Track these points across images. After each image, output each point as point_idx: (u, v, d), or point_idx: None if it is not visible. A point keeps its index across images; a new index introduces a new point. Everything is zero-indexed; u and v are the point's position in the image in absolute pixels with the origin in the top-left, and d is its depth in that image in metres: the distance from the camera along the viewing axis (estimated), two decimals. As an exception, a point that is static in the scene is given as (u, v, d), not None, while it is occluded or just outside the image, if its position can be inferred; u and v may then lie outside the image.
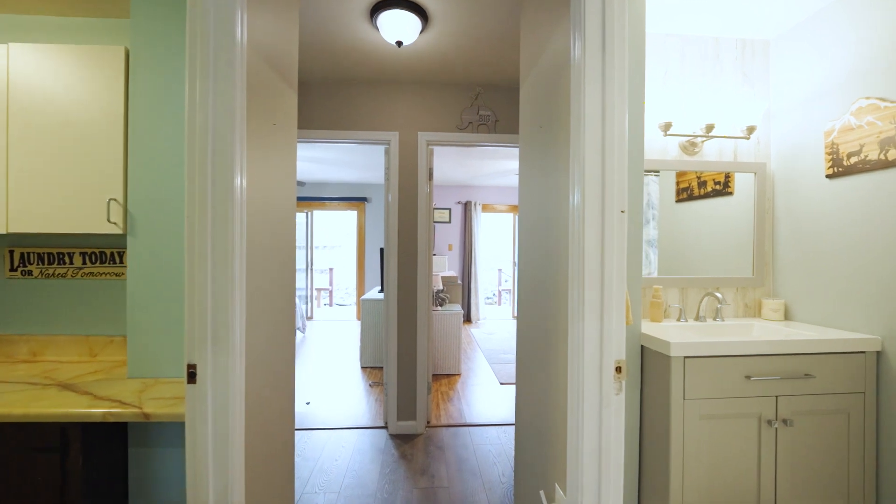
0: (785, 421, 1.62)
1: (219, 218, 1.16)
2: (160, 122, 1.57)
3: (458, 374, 4.42)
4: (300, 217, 7.89)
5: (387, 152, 3.03)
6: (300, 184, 6.25)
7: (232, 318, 1.17)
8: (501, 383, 4.13)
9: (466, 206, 7.88)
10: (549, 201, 1.46)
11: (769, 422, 1.62)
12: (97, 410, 1.29)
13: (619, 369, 1.12)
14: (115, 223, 1.58)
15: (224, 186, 1.17)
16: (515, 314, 7.85)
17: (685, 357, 1.59)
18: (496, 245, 8.71)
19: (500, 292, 9.17)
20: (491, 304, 9.12)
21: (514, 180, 7.24)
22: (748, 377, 1.61)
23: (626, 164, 1.13)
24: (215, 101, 1.16)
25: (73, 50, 1.56)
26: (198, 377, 1.16)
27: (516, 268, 8.05)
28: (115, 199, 1.58)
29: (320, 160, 5.70)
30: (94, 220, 1.57)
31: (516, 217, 8.17)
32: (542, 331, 1.55)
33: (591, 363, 1.12)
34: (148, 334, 1.58)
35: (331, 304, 8.99)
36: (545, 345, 1.50)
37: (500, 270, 9.04)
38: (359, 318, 7.61)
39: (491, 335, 6.43)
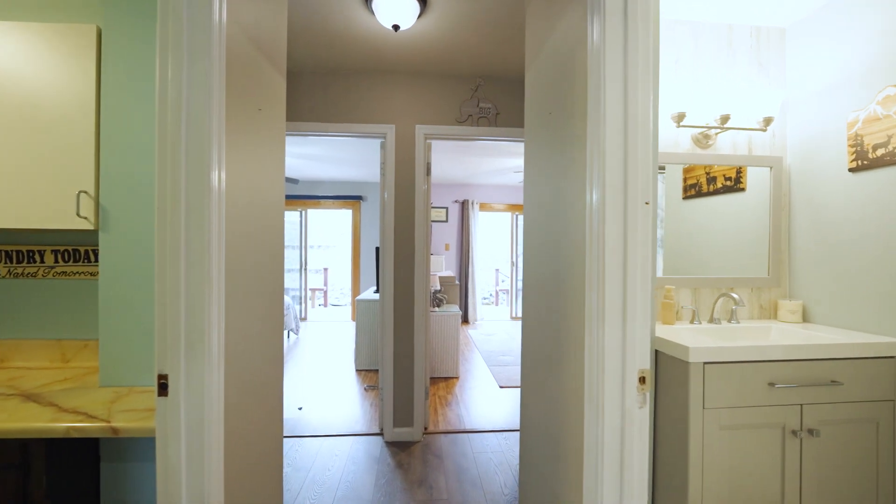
0: (811, 431, 1.51)
1: (194, 211, 1.04)
2: (135, 108, 1.44)
3: (457, 377, 4.30)
4: (294, 216, 7.74)
5: (383, 146, 2.90)
6: (294, 181, 6.11)
7: (209, 322, 1.04)
8: (501, 386, 4.00)
9: (464, 205, 7.76)
10: (561, 193, 1.34)
11: (794, 432, 1.51)
12: (59, 425, 1.16)
13: (642, 380, 1.00)
14: (85, 218, 1.44)
15: (200, 175, 1.04)
16: (514, 315, 7.76)
17: (705, 363, 1.47)
18: (494, 245, 8.60)
19: (497, 292, 9.06)
20: (488, 304, 9.01)
21: (512, 178, 7.12)
22: (772, 384, 1.50)
23: (651, 151, 1.01)
24: (189, 79, 1.03)
25: (39, 28, 1.43)
26: (169, 389, 1.04)
27: (515, 267, 7.96)
28: (85, 192, 1.44)
29: (314, 157, 5.57)
30: (62, 215, 1.43)
31: (514, 216, 8.07)
32: (551, 335, 1.43)
33: (612, 373, 1.00)
34: (122, 339, 1.45)
35: (325, 305, 8.86)
36: (555, 351, 1.38)
37: (497, 270, 8.93)
38: (354, 319, 7.47)
39: (489, 336, 6.31)
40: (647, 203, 1.00)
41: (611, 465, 1.00)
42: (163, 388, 1.04)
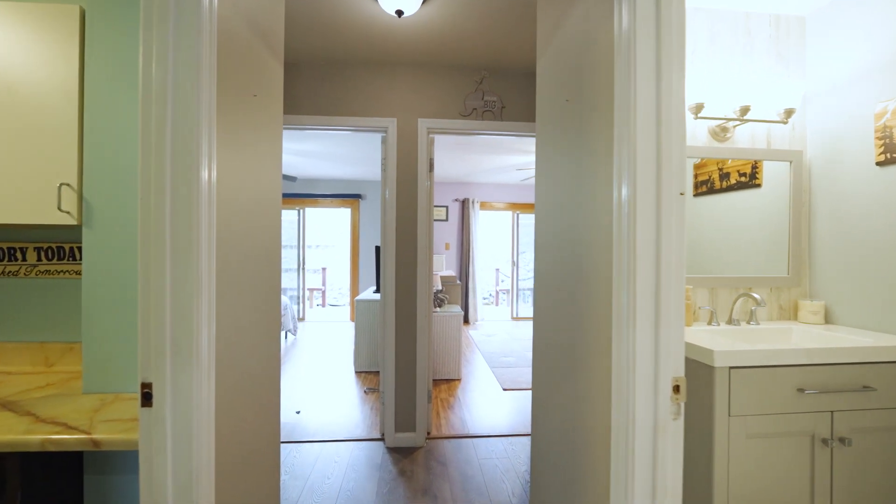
0: (842, 440, 1.42)
1: (180, 204, 0.94)
2: (122, 94, 1.34)
3: (458, 379, 4.20)
4: (292, 215, 7.64)
5: (384, 141, 2.80)
6: (291, 179, 6.00)
7: (197, 325, 0.95)
8: (504, 389, 3.91)
9: (464, 204, 7.66)
10: (580, 185, 1.24)
11: (824, 441, 1.42)
12: (34, 437, 1.06)
13: (677, 388, 0.91)
14: (67, 212, 1.34)
15: (187, 163, 0.94)
16: (514, 315, 7.65)
17: (730, 367, 1.38)
18: (494, 244, 8.50)
19: (497, 292, 8.96)
20: (488, 304, 8.91)
21: (514, 176, 7.03)
22: (801, 390, 1.41)
23: (685, 137, 0.92)
24: (176, 58, 0.93)
25: (16, 8, 1.32)
26: (154, 398, 0.94)
27: (516, 267, 7.86)
28: (67, 184, 1.34)
29: (312, 154, 5.46)
30: (42, 209, 1.33)
31: (515, 215, 7.98)
32: (569, 338, 1.33)
33: (644, 380, 0.90)
34: (107, 342, 1.35)
35: (323, 305, 8.75)
36: (574, 355, 1.29)
37: (497, 270, 8.83)
38: (352, 320, 7.37)
39: (490, 337, 6.22)
40: (681, 194, 0.91)
41: (642, 480, 0.90)
42: (146, 398, 0.94)
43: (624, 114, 0.94)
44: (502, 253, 8.38)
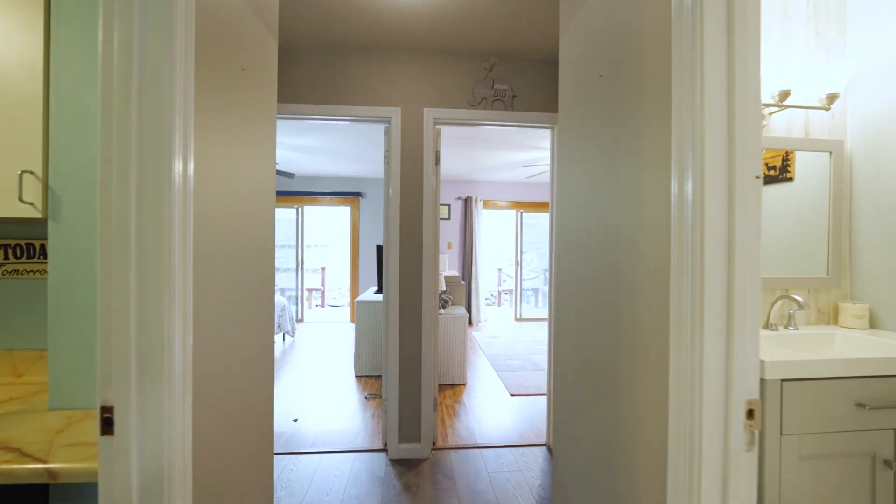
0: (906, 461, 1.26)
1: (148, 196, 0.78)
2: (91, 74, 1.18)
3: (464, 384, 4.03)
4: (290, 213, 7.47)
5: (387, 133, 2.64)
6: (289, 175, 5.83)
7: (168, 337, 0.78)
8: (511, 395, 3.74)
9: (467, 202, 7.50)
10: (620, 174, 1.08)
11: (886, 462, 1.26)
12: (-21, 468, 0.89)
13: (751, 413, 0.75)
14: (30, 203, 1.18)
15: (156, 144, 0.78)
16: (518, 316, 7.47)
17: (782, 380, 1.22)
18: (497, 244, 8.33)
19: (499, 293, 8.80)
20: (491, 305, 8.75)
21: (519, 174, 6.87)
22: (860, 405, 1.25)
23: (760, 110, 0.76)
24: (143, 10, 0.77)
25: (-28, -29, 1.16)
26: (116, 425, 0.78)
27: (520, 267, 7.70)
28: (31, 172, 1.17)
29: (311, 149, 5.29)
30: (1, 200, 1.17)
31: (519, 214, 7.81)
32: (603, 349, 1.17)
33: (713, 403, 0.74)
34: (75, 352, 1.19)
35: (322, 306, 8.59)
36: (610, 368, 1.12)
37: (499, 270, 8.67)
38: (353, 321, 7.21)
39: (493, 339, 6.05)
40: (757, 177, 0.75)
41: (709, 527, 0.74)
42: (107, 424, 0.78)
43: (687, 92, 0.78)
44: (505, 253, 8.22)
